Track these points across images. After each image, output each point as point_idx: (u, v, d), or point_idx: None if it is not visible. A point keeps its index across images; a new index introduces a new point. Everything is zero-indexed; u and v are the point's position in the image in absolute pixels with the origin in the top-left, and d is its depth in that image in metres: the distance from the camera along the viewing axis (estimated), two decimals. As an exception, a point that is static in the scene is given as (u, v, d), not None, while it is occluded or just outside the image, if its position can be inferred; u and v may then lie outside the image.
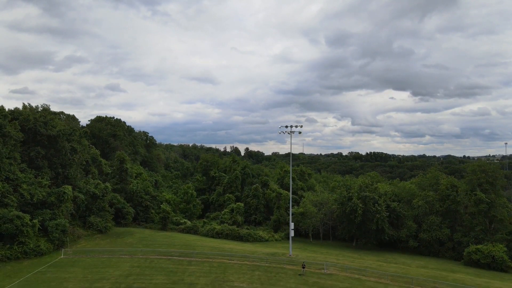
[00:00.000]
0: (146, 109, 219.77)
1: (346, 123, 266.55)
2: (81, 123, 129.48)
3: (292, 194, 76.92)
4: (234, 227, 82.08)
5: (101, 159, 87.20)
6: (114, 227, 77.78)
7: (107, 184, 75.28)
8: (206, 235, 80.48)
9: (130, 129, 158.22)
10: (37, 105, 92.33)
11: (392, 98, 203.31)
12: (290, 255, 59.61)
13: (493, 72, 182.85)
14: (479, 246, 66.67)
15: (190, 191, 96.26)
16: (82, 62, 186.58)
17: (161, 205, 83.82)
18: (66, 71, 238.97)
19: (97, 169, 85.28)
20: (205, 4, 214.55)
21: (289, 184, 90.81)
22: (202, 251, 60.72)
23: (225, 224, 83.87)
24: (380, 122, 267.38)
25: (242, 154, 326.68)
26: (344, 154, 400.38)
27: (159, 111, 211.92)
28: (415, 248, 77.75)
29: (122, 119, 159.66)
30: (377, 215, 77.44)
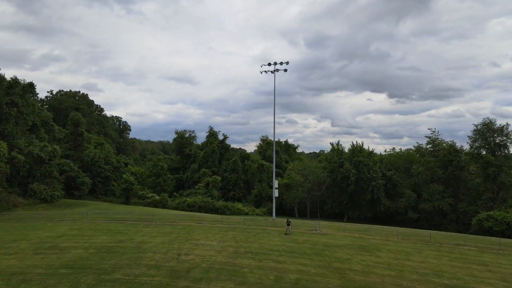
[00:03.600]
0: (126, 109, 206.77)
1: (326, 125, 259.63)
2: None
3: (276, 168, 66.52)
4: (209, 199, 70.96)
5: (54, 123, 74.36)
6: (65, 199, 65.48)
7: (56, 146, 62.83)
8: (176, 208, 69.07)
9: (100, 109, 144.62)
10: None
11: (369, 99, 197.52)
12: (273, 219, 49.07)
13: (465, 75, 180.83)
14: (490, 213, 57.81)
15: (161, 163, 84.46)
16: (59, 61, 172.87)
17: (123, 175, 71.82)
18: (43, 70, 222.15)
19: (48, 135, 72.52)
20: (183, 4, 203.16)
21: (272, 157, 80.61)
22: (166, 216, 49.60)
23: (198, 196, 72.69)
24: (360, 123, 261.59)
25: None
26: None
27: (140, 111, 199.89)
28: (415, 221, 68.62)
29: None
30: (372, 182, 67.97)
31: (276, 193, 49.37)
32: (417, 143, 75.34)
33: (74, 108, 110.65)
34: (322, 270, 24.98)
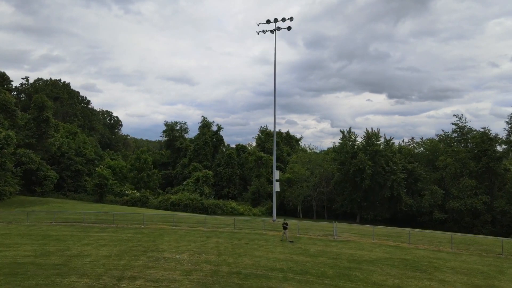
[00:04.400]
0: (126, 110, 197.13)
1: (326, 125, 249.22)
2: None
3: (276, 162, 55.55)
4: (197, 196, 59.84)
5: (16, 108, 63.24)
6: (23, 195, 54.45)
7: (10, 133, 51.74)
8: (158, 207, 57.97)
9: (86, 101, 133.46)
10: None
11: (369, 100, 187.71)
12: (274, 220, 38.02)
13: (464, 76, 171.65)
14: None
15: (144, 156, 73.29)
16: (59, 62, 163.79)
17: (96, 169, 60.75)
18: (43, 70, 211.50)
19: (9, 121, 61.39)
20: (181, 5, 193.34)
21: (271, 149, 69.70)
22: (135, 217, 38.61)
23: (184, 192, 61.61)
24: (359, 124, 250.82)
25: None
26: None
27: (140, 112, 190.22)
28: (441, 223, 57.60)
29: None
30: (392, 176, 56.81)
31: (277, 187, 38.33)
32: (442, 130, 64.20)
33: (53, 98, 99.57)
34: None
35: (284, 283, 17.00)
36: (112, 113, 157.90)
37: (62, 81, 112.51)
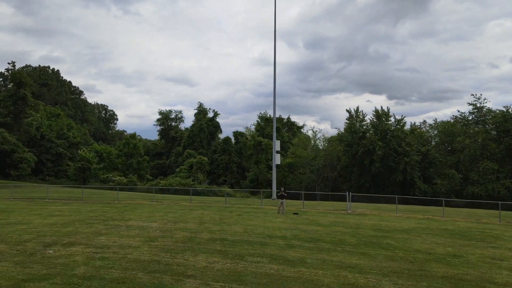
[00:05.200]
0: (126, 111, 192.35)
1: (326, 126, 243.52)
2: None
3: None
4: (189, 180, 54.40)
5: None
6: (-4, 179, 49.03)
7: (-20, 107, 46.30)
8: (148, 191, 52.40)
9: (78, 91, 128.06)
10: None
11: (369, 101, 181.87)
12: (273, 198, 32.58)
13: (464, 77, 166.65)
14: None
15: (134, 141, 67.83)
16: (59, 62, 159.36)
17: (79, 151, 55.34)
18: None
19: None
20: (180, 5, 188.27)
21: (271, 134, 64.66)
22: (110, 195, 33.25)
23: (176, 177, 56.17)
24: None
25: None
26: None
27: (140, 113, 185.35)
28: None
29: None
30: (405, 158, 51.30)
31: (277, 159, 32.87)
32: (458, 111, 58.76)
33: (40, 84, 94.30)
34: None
35: (288, 250, 11.54)
36: (108, 107, 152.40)
37: (51, 68, 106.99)
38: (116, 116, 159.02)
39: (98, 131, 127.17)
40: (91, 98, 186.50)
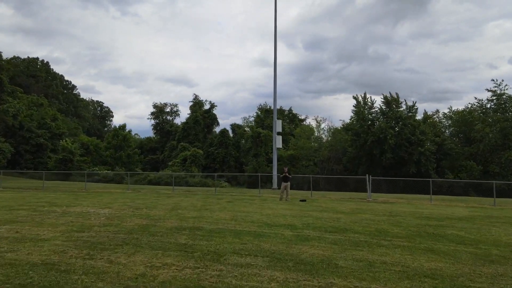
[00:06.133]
0: (126, 112, 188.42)
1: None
2: None
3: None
4: (182, 173, 49.52)
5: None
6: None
7: None
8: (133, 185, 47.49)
9: (71, 86, 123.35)
10: None
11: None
12: (274, 188, 27.73)
13: (463, 77, 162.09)
14: None
15: (123, 132, 62.91)
16: (59, 63, 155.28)
17: (61, 141, 50.47)
18: None
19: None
20: (179, 6, 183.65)
21: (271, 126, 59.99)
22: (81, 185, 28.32)
23: (166, 170, 51.36)
24: None
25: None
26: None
27: (140, 113, 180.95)
28: (477, 206, 47.06)
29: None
30: (419, 148, 46.42)
31: (278, 142, 28.02)
32: (475, 98, 53.88)
33: (28, 75, 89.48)
34: None
35: (301, 245, 6.71)
36: (103, 103, 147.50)
37: (40, 59, 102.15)
38: (112, 113, 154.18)
39: (93, 128, 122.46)
40: (91, 98, 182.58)
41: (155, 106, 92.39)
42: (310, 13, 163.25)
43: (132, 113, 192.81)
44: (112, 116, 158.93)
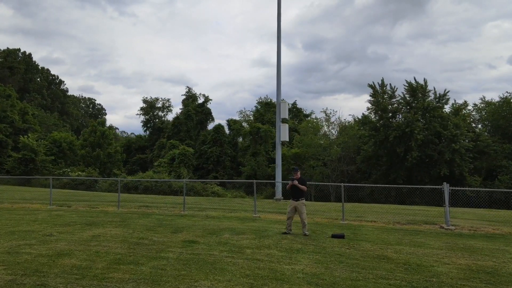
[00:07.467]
0: (126, 112, 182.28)
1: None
2: None
3: (282, 140, 35.54)
4: (165, 175, 41.41)
5: None
6: None
7: None
8: (108, 191, 39.33)
9: (58, 81, 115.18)
10: None
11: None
12: (277, 198, 19.55)
13: (462, 78, 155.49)
14: None
15: (102, 128, 54.76)
16: (59, 64, 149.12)
17: (21, 137, 42.33)
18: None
19: None
20: (178, 7, 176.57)
21: (272, 121, 51.93)
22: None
23: (149, 172, 43.27)
24: None
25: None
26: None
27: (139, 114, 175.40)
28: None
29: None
30: (452, 145, 38.15)
31: (284, 133, 19.94)
32: (507, 92, 45.54)
33: (3, 66, 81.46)
34: None
35: None
36: (95, 100, 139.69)
37: (22, 50, 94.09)
38: (105, 110, 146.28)
39: (83, 126, 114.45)
40: (82, 95, 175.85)
41: (145, 101, 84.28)
42: (309, 14, 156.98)
43: (132, 113, 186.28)
44: (105, 114, 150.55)
